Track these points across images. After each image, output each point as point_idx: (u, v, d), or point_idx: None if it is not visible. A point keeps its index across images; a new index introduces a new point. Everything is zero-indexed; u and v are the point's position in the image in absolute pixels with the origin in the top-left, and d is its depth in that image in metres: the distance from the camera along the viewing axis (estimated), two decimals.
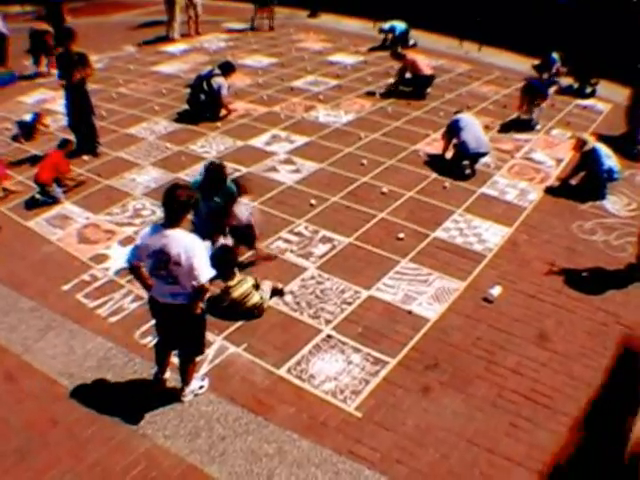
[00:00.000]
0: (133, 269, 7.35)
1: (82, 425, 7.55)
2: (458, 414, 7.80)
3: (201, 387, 8.00)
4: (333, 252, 10.89)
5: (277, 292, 9.78)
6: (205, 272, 6.86)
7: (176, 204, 6.87)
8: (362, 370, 8.39)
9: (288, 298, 9.78)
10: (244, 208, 10.21)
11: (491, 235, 11.43)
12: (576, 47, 19.50)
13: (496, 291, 9.85)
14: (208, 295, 7.47)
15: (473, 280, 10.24)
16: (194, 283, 6.87)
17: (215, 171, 10.06)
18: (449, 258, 10.75)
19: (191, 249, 6.79)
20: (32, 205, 12.29)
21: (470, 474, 7.01)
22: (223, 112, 16.67)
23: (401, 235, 11.26)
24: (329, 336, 8.99)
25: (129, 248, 10.63)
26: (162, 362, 7.96)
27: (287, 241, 11.11)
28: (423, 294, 9.88)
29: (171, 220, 6.92)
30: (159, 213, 11.87)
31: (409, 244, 11.08)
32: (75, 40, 13.79)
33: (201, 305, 7.19)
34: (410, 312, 9.47)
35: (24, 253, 10.85)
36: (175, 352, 7.87)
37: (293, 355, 8.64)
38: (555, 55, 19.81)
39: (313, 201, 12.37)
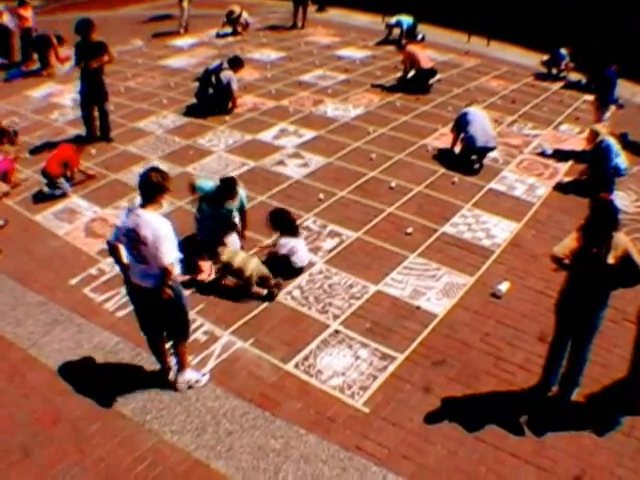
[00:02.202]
0: (111, 248, 7.42)
1: (88, 420, 7.54)
2: (465, 410, 7.78)
3: (197, 381, 7.97)
4: (341, 247, 10.86)
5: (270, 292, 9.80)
6: (169, 254, 6.94)
7: (148, 185, 7.09)
8: (370, 365, 8.36)
9: (296, 293, 9.76)
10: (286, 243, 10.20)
11: (499, 230, 11.39)
12: (584, 42, 19.47)
13: (504, 287, 9.82)
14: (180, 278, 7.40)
15: (481, 275, 10.21)
16: (159, 264, 6.96)
17: (229, 184, 10.11)
18: (457, 253, 10.72)
19: (158, 231, 6.92)
20: (39, 199, 12.29)
21: (477, 471, 6.99)
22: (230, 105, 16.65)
23: (409, 230, 11.23)
24: (337, 331, 8.97)
25: None
26: (155, 351, 7.99)
27: None
28: (431, 289, 9.85)
29: (144, 201, 7.13)
30: (166, 206, 11.84)
31: (417, 239, 11.05)
32: (94, 30, 13.92)
33: (168, 291, 7.17)
34: (418, 307, 9.45)
35: (31, 247, 10.84)
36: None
37: (301, 350, 8.62)
38: (563, 51, 19.78)
39: (321, 195, 12.34)
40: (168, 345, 7.97)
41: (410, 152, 14.36)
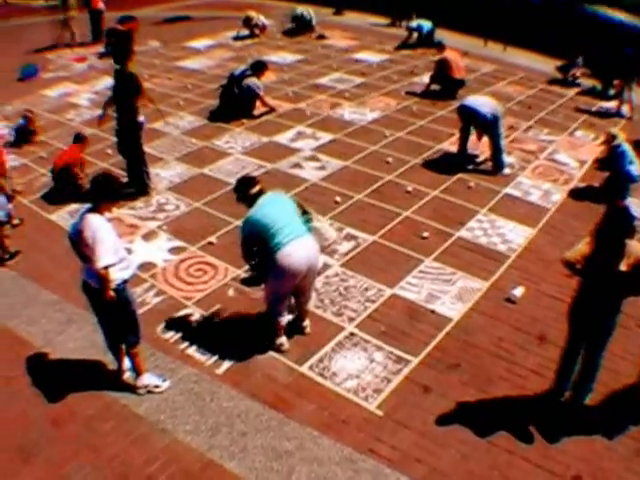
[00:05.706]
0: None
1: (101, 418, 7.56)
2: (479, 414, 7.76)
3: (157, 386, 7.94)
4: (357, 250, 10.86)
5: None
6: (102, 259, 6.99)
7: (94, 190, 7.29)
8: (384, 368, 8.35)
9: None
10: None
11: (515, 236, 11.37)
12: (600, 49, 19.46)
13: (519, 292, 9.80)
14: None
15: (496, 280, 10.18)
16: (94, 267, 7.03)
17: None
18: (473, 258, 10.70)
19: (96, 234, 7.01)
20: (54, 198, 12.34)
21: (489, 475, 6.96)
22: (260, 110, 16.72)
23: (425, 234, 11.22)
24: (352, 334, 8.96)
25: (152, 243, 10.79)
26: (113, 352, 8.00)
27: None
28: (446, 293, 9.84)
29: (91, 205, 7.25)
30: (183, 207, 11.92)
31: (433, 243, 11.04)
32: (131, 58, 11.94)
33: (110, 293, 7.19)
34: (433, 311, 9.44)
35: (46, 246, 10.87)
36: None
37: (315, 352, 8.61)
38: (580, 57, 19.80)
39: (338, 198, 12.36)
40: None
41: (427, 156, 14.38)
